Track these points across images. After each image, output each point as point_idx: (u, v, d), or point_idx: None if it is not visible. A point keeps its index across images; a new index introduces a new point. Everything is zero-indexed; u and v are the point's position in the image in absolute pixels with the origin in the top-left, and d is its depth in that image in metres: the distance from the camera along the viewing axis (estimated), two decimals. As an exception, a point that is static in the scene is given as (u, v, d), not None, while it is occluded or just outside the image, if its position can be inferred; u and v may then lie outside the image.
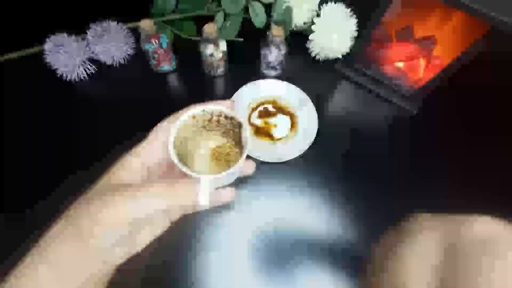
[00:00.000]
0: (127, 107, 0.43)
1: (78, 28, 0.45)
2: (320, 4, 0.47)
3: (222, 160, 0.31)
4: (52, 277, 0.20)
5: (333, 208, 0.39)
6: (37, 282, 0.20)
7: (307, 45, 0.49)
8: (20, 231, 0.29)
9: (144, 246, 0.26)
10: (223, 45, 0.44)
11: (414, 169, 0.43)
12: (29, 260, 0.21)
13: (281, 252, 0.36)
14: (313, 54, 0.50)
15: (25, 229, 0.27)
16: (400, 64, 0.49)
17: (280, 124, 0.45)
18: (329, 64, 0.51)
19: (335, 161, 0.43)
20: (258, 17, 0.48)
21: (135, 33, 0.46)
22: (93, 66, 0.46)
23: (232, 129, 0.29)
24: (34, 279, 0.20)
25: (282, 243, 0.37)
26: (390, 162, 0.44)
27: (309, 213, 0.39)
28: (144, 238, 0.26)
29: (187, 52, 0.47)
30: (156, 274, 0.34)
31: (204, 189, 0.23)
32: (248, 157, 0.27)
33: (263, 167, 0.40)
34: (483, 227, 0.15)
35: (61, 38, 0.43)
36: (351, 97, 0.49)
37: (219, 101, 0.28)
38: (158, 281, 0.33)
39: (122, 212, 0.21)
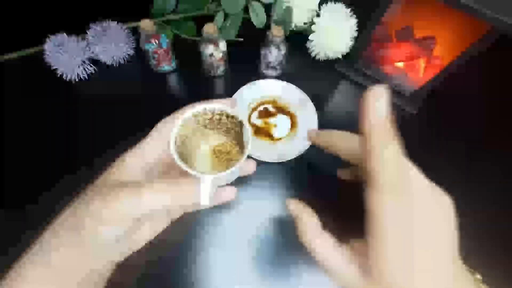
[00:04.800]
0: (127, 107, 0.43)
1: (78, 28, 0.45)
2: (320, 4, 0.47)
3: (223, 158, 0.31)
4: (52, 274, 0.20)
5: (333, 207, 0.39)
6: (37, 279, 0.20)
7: (307, 45, 0.49)
8: (19, 228, 0.29)
9: (144, 244, 0.26)
10: (223, 45, 0.44)
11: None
12: (29, 256, 0.21)
13: (281, 251, 0.36)
14: (313, 54, 0.50)
15: (25, 226, 0.27)
16: (400, 64, 0.49)
17: (280, 124, 0.45)
18: (329, 64, 0.51)
19: (335, 161, 0.43)
20: (258, 17, 0.48)
21: (135, 33, 0.46)
22: (93, 66, 0.46)
23: (233, 127, 0.29)
24: (34, 276, 0.20)
25: (282, 242, 0.36)
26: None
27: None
28: (144, 236, 0.26)
29: (187, 52, 0.47)
30: (155, 272, 0.34)
31: (206, 187, 0.23)
32: (248, 156, 0.27)
33: (263, 167, 0.40)
34: None
35: (61, 38, 0.43)
36: (351, 97, 0.49)
37: (220, 100, 0.28)
38: (157, 279, 0.33)
39: (124, 209, 0.21)
